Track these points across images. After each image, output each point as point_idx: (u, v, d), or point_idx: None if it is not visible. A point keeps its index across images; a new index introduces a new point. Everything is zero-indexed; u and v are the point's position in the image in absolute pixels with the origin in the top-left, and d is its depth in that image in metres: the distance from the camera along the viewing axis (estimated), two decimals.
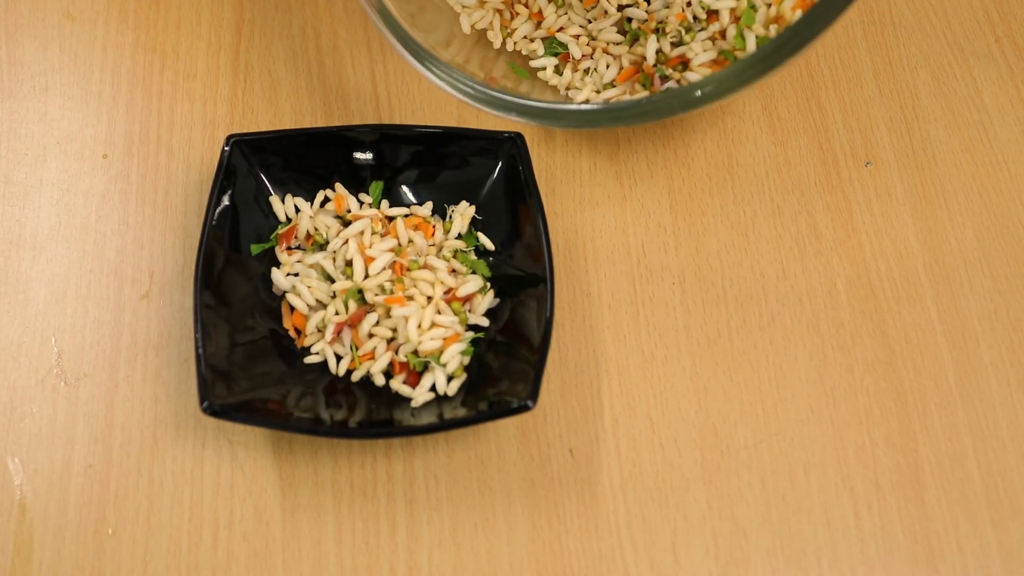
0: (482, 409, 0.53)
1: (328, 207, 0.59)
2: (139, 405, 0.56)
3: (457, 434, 0.55)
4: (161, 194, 0.61)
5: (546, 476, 0.54)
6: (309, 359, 0.56)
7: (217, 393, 0.52)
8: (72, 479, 0.54)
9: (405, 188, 0.60)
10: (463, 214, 0.59)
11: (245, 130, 0.62)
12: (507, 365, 0.54)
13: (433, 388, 0.54)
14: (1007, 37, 0.66)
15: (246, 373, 0.54)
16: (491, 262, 0.58)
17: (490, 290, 0.57)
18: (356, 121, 0.63)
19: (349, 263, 0.57)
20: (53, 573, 0.52)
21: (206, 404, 0.51)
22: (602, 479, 0.54)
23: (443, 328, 0.55)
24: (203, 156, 0.62)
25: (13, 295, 0.58)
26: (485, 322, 0.56)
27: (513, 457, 0.55)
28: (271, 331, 0.56)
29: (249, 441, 0.55)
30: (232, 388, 0.53)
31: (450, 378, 0.55)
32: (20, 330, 0.57)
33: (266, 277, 0.57)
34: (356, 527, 0.53)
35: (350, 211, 0.59)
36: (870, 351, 0.57)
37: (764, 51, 0.53)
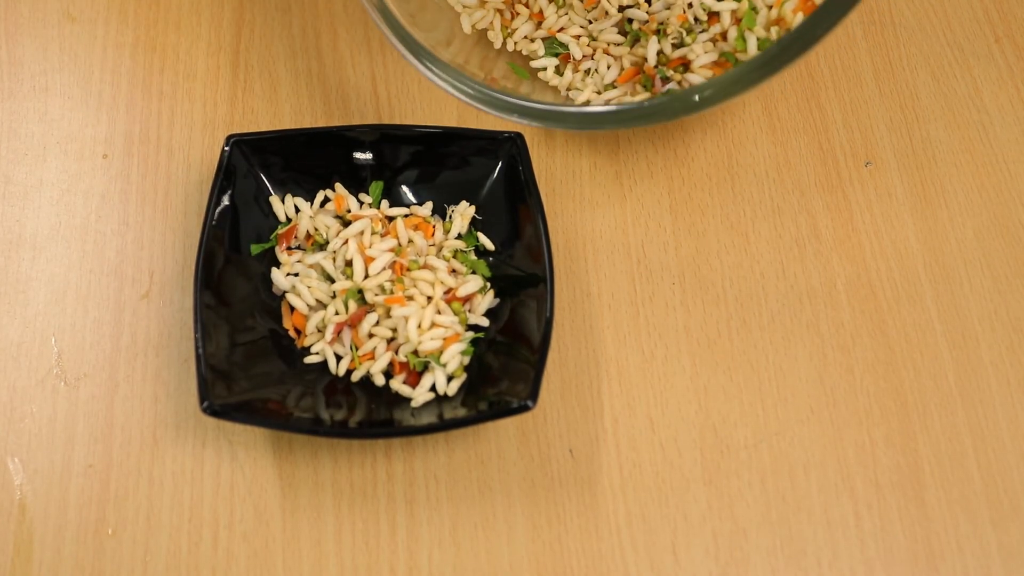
0: (482, 409, 0.53)
1: (328, 207, 0.59)
2: (139, 405, 0.56)
3: (457, 434, 0.55)
4: (161, 194, 0.61)
5: (546, 476, 0.54)
6: (309, 359, 0.56)
7: (217, 393, 0.52)
8: (72, 479, 0.54)
9: (405, 188, 0.60)
10: (463, 214, 0.59)
11: (245, 130, 0.62)
12: (507, 365, 0.54)
13: (433, 388, 0.54)
14: (1007, 37, 0.66)
15: (246, 373, 0.54)
16: (491, 262, 0.58)
17: (490, 290, 0.57)
18: (356, 121, 0.63)
19: (349, 263, 0.57)
20: (53, 573, 0.52)
21: (206, 404, 0.51)
22: (602, 479, 0.54)
23: (443, 328, 0.55)
24: (203, 156, 0.62)
25: (13, 295, 0.58)
26: (485, 322, 0.56)
27: (513, 457, 0.55)
28: (271, 331, 0.56)
29: (249, 441, 0.55)
30: (232, 388, 0.53)
31: (450, 378, 0.55)
32: (20, 330, 0.57)
33: (266, 277, 0.57)
34: (356, 527, 0.53)
35: (350, 211, 0.59)
36: (870, 351, 0.57)
37: (767, 55, 0.52)
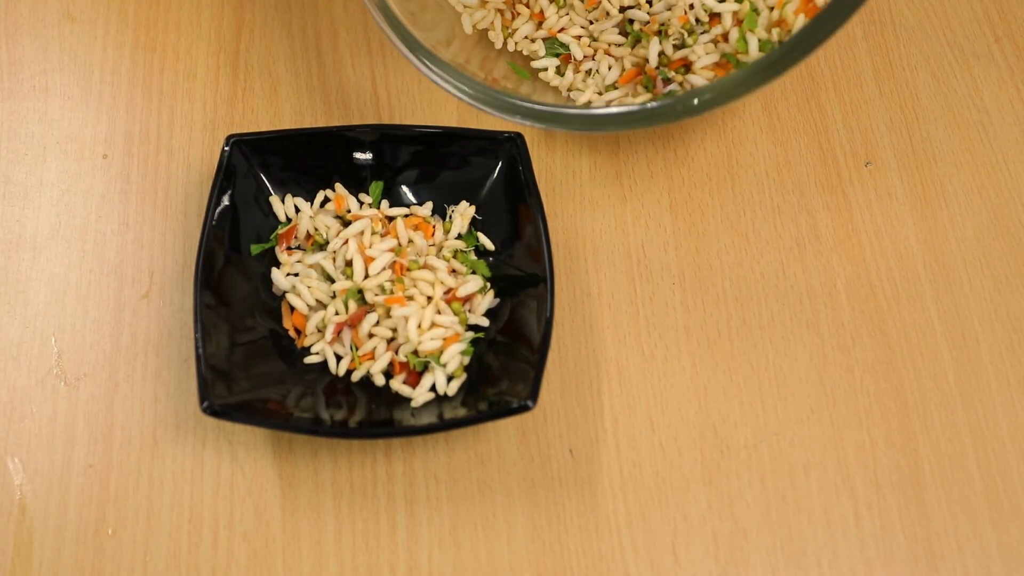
0: (482, 409, 0.53)
1: (328, 207, 0.59)
2: (139, 405, 0.56)
3: (457, 434, 0.55)
4: (161, 194, 0.61)
5: (546, 476, 0.54)
6: (309, 359, 0.56)
7: (217, 393, 0.52)
8: (72, 479, 0.54)
9: (405, 188, 0.60)
10: (463, 214, 0.59)
11: (245, 130, 0.62)
12: (507, 365, 0.54)
13: (433, 388, 0.54)
14: (1007, 37, 0.66)
15: (246, 373, 0.54)
16: (491, 262, 0.58)
17: (490, 290, 0.57)
18: (356, 121, 0.63)
19: (349, 263, 0.57)
20: (53, 573, 0.52)
21: (206, 404, 0.51)
22: (602, 479, 0.54)
23: (443, 328, 0.55)
24: (203, 156, 0.62)
25: (13, 295, 0.58)
26: (485, 322, 0.56)
27: (513, 457, 0.55)
28: (271, 331, 0.56)
29: (249, 441, 0.55)
30: (232, 388, 0.53)
31: (450, 378, 0.55)
32: (20, 330, 0.57)
33: (266, 277, 0.57)
34: (356, 527, 0.53)
35: (350, 211, 0.59)
36: (870, 351, 0.57)
37: (770, 58, 0.52)
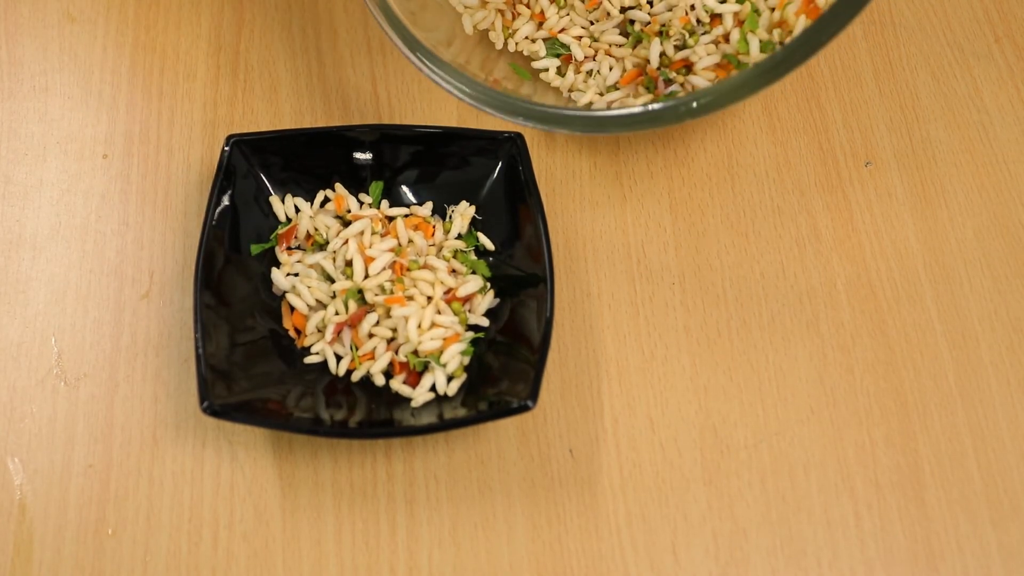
0: (482, 409, 0.53)
1: (328, 207, 0.59)
2: (139, 405, 0.56)
3: (457, 434, 0.55)
4: (161, 194, 0.61)
5: (546, 476, 0.54)
6: (309, 359, 0.56)
7: (217, 393, 0.52)
8: (72, 479, 0.54)
9: (405, 188, 0.60)
10: (463, 214, 0.59)
11: (245, 130, 0.62)
12: (507, 365, 0.54)
13: (433, 388, 0.54)
14: (1007, 37, 0.66)
15: (246, 373, 0.54)
16: (491, 262, 0.58)
17: (490, 290, 0.57)
18: (356, 121, 0.63)
19: (349, 263, 0.57)
20: (53, 573, 0.52)
21: (206, 404, 0.51)
22: (602, 479, 0.54)
23: (443, 328, 0.55)
24: (203, 156, 0.62)
25: (13, 295, 0.58)
26: (485, 322, 0.56)
27: (513, 457, 0.55)
28: (271, 331, 0.56)
29: (249, 441, 0.55)
30: (232, 388, 0.53)
31: (450, 378, 0.55)
32: (20, 330, 0.57)
33: (266, 277, 0.57)
34: (356, 527, 0.53)
35: (350, 211, 0.59)
36: (870, 351, 0.57)
37: (773, 60, 0.52)
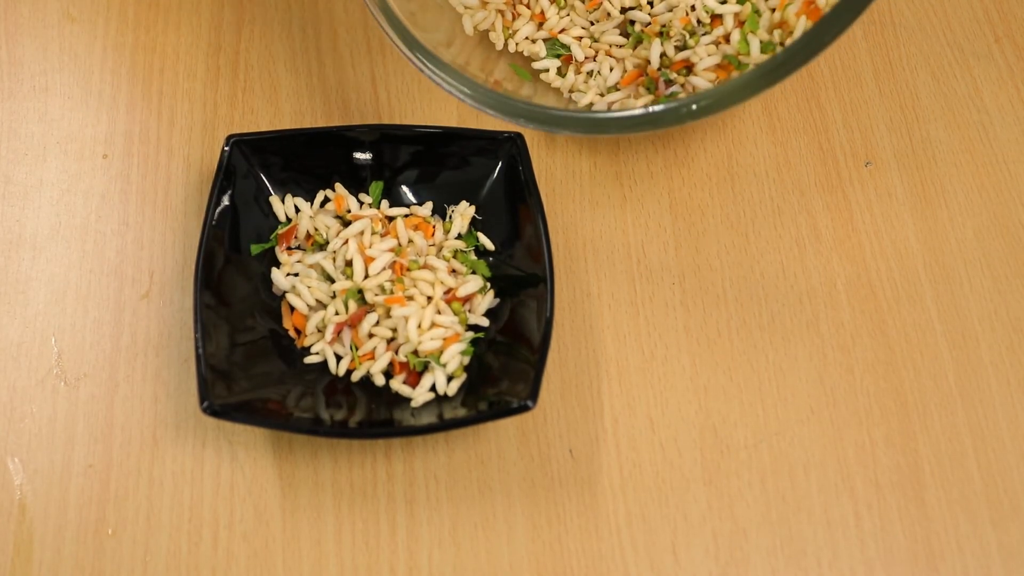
0: (482, 409, 0.53)
1: (328, 207, 0.59)
2: (139, 405, 0.56)
3: (457, 434, 0.55)
4: (161, 194, 0.61)
5: (546, 476, 0.54)
6: (309, 359, 0.56)
7: (217, 393, 0.52)
8: (72, 479, 0.54)
9: (405, 188, 0.60)
10: (463, 214, 0.59)
11: (245, 130, 0.62)
12: (507, 365, 0.54)
13: (433, 388, 0.54)
14: (1007, 37, 0.66)
15: (246, 373, 0.54)
16: (491, 262, 0.58)
17: (490, 290, 0.57)
18: (356, 121, 0.63)
19: (349, 263, 0.57)
20: (53, 573, 0.52)
21: (206, 404, 0.51)
22: (602, 479, 0.54)
23: (443, 328, 0.55)
24: (203, 156, 0.62)
25: (13, 295, 0.58)
26: (485, 322, 0.56)
27: (513, 457, 0.55)
28: (271, 331, 0.56)
29: (249, 441, 0.55)
30: (232, 388, 0.53)
31: (450, 378, 0.55)
32: (20, 330, 0.57)
33: (266, 277, 0.57)
34: (356, 527, 0.53)
35: (350, 211, 0.59)
36: (870, 351, 0.57)
37: (774, 61, 0.52)
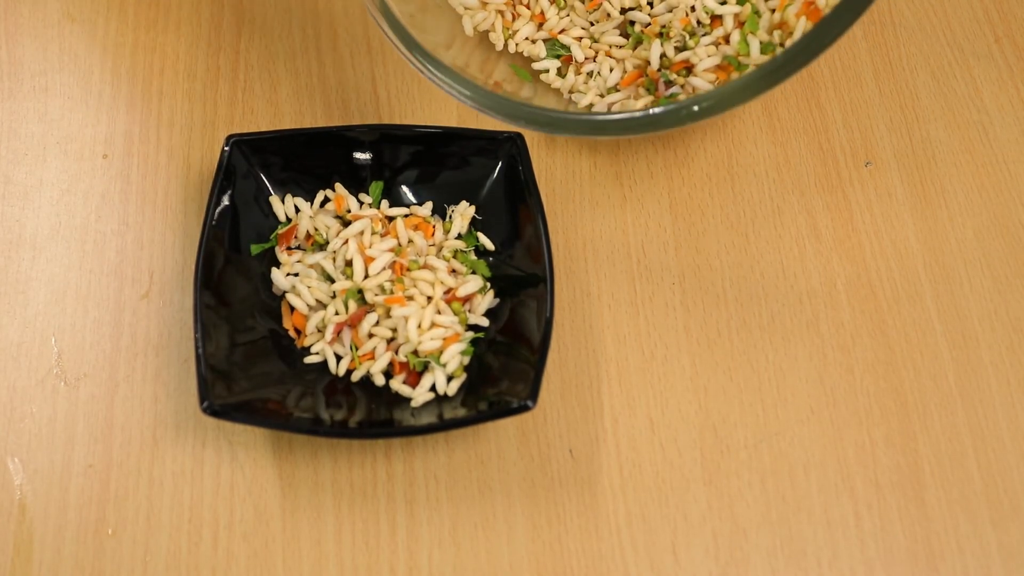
0: (482, 409, 0.53)
1: (328, 207, 0.59)
2: (139, 405, 0.56)
3: (457, 434, 0.55)
4: (161, 194, 0.61)
5: (546, 476, 0.54)
6: (309, 359, 0.56)
7: (217, 393, 0.52)
8: (72, 479, 0.54)
9: (405, 188, 0.60)
10: (463, 214, 0.59)
11: (245, 130, 0.62)
12: (507, 365, 0.54)
13: (433, 388, 0.54)
14: (1007, 37, 0.66)
15: (246, 373, 0.54)
16: (491, 262, 0.58)
17: (490, 290, 0.57)
18: (356, 121, 0.63)
19: (349, 263, 0.57)
20: (53, 573, 0.52)
21: (206, 404, 0.51)
22: (602, 479, 0.54)
23: (443, 328, 0.55)
24: (203, 156, 0.62)
25: (13, 295, 0.58)
26: (485, 322, 0.56)
27: (513, 457, 0.55)
28: (271, 331, 0.56)
29: (249, 441, 0.55)
30: (232, 388, 0.53)
31: (450, 378, 0.55)
32: (20, 330, 0.57)
33: (266, 277, 0.57)
34: (356, 527, 0.53)
35: (350, 211, 0.59)
36: (870, 351, 0.57)
37: (774, 63, 0.52)
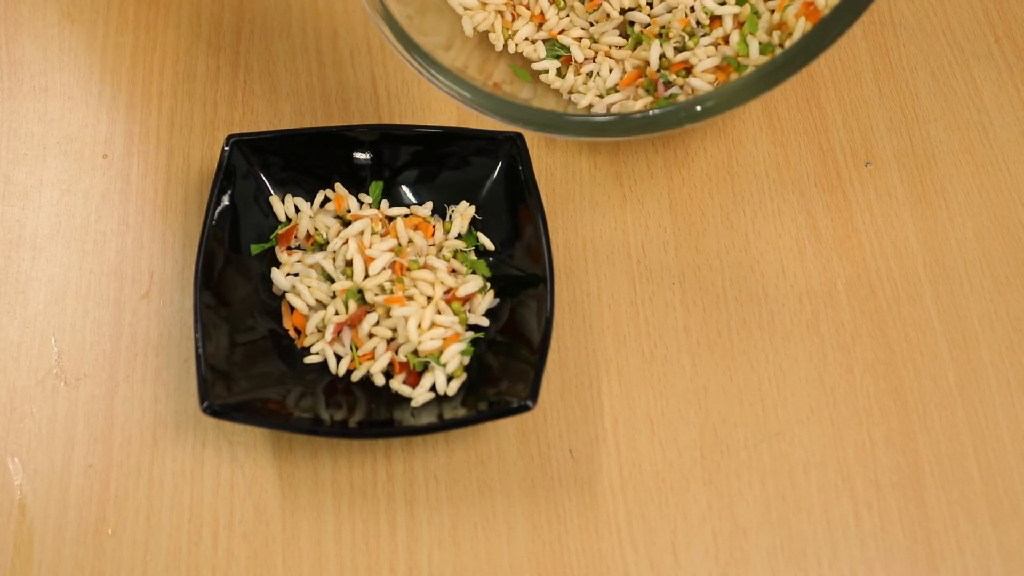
0: (482, 409, 0.53)
1: (328, 207, 0.59)
2: (139, 405, 0.56)
3: (457, 434, 0.55)
4: (161, 194, 0.61)
5: (546, 476, 0.54)
6: (309, 359, 0.56)
7: (217, 393, 0.52)
8: (72, 479, 0.54)
9: (405, 188, 0.60)
10: (463, 214, 0.59)
11: (245, 130, 0.62)
12: (507, 365, 0.54)
13: (433, 388, 0.54)
14: (1007, 37, 0.66)
15: (246, 373, 0.54)
16: (491, 262, 0.58)
17: (490, 290, 0.57)
18: (356, 121, 0.63)
19: (349, 263, 0.57)
20: (53, 573, 0.52)
21: (206, 404, 0.51)
22: (602, 479, 0.54)
23: (443, 328, 0.55)
24: (203, 156, 0.62)
25: (13, 295, 0.58)
26: (485, 322, 0.56)
27: (513, 457, 0.55)
28: (271, 331, 0.56)
29: (249, 441, 0.55)
30: (232, 388, 0.53)
31: (450, 378, 0.55)
32: (20, 330, 0.57)
33: (266, 277, 0.57)
34: (356, 527, 0.53)
35: (350, 211, 0.59)
36: (870, 351, 0.57)
37: (774, 64, 0.52)
